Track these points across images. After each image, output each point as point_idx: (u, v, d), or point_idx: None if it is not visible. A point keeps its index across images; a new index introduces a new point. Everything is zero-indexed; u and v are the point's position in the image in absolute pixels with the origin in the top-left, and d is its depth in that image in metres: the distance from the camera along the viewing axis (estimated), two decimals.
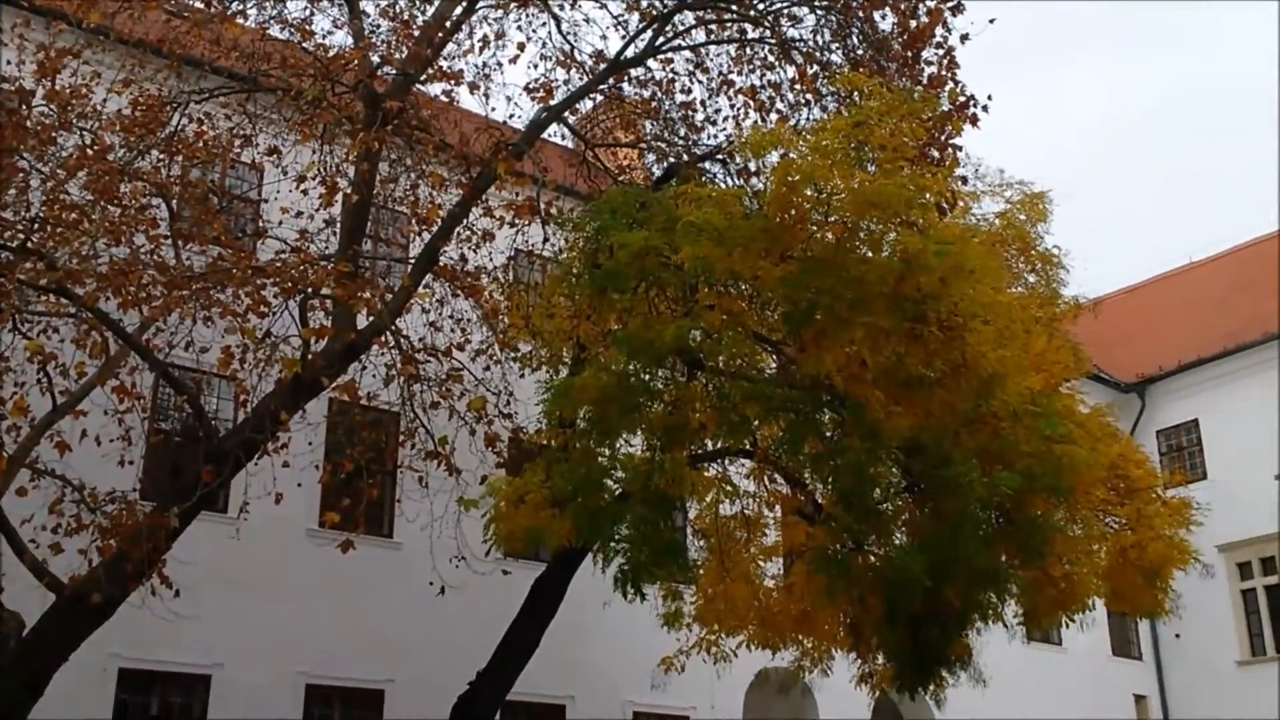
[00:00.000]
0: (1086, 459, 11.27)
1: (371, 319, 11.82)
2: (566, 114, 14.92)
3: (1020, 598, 11.98)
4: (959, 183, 13.02)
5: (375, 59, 12.20)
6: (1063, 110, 66.96)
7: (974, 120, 13.90)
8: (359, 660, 16.50)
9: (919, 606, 10.54)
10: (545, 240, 14.08)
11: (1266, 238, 30.95)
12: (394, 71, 12.37)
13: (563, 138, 16.64)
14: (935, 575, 10.26)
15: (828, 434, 10.84)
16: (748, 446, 11.81)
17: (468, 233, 13.67)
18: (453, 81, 12.88)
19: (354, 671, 16.50)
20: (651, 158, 16.31)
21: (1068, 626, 13.19)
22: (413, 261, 13.15)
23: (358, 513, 12.18)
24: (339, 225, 12.83)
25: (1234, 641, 26.72)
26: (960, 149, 13.78)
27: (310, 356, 11.46)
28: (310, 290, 11.40)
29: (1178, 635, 26.73)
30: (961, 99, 13.86)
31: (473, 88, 13.37)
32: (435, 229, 12.67)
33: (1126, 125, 65.36)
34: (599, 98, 15.72)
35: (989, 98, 13.88)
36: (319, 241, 12.93)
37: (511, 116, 14.52)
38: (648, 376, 10.81)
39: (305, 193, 12.26)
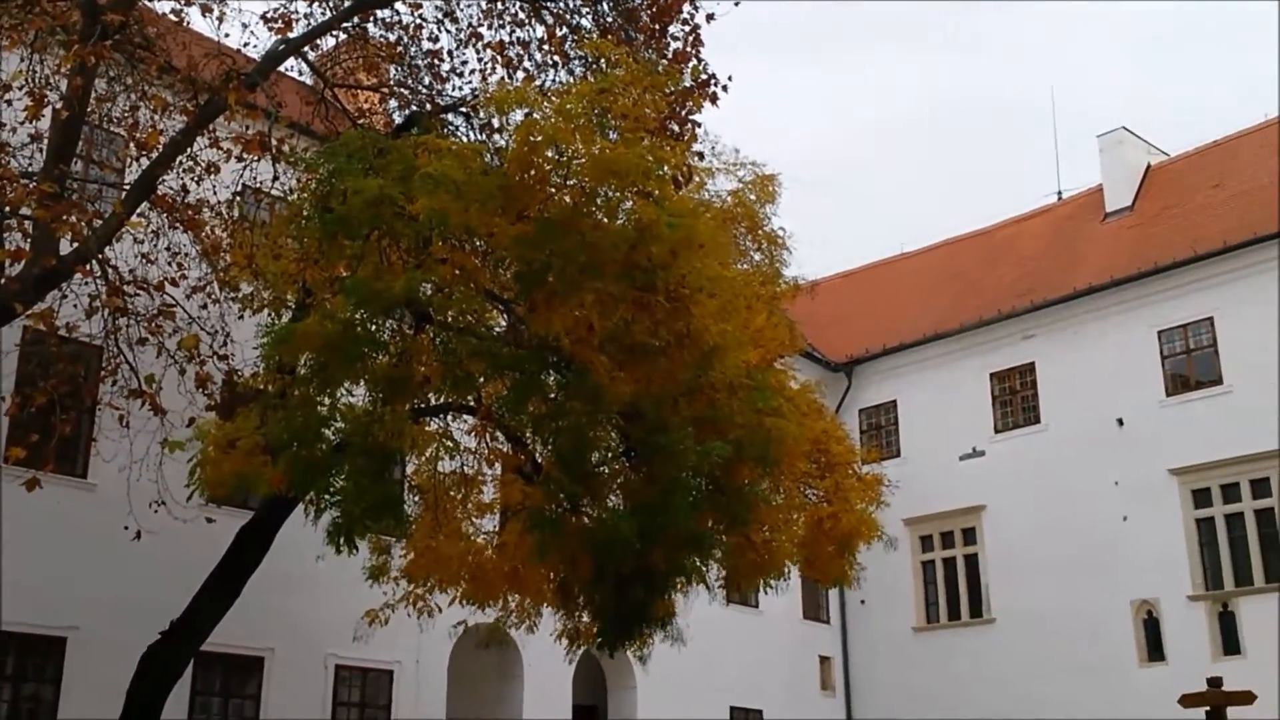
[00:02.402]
0: (793, 433, 11.87)
1: (76, 245, 11.05)
2: (306, 49, 14.35)
3: (723, 562, 12.52)
4: (696, 158, 13.37)
5: None
6: (807, 100, 69.75)
7: (714, 99, 14.28)
8: (40, 606, 15.48)
9: (627, 567, 10.86)
10: (275, 178, 13.51)
11: (969, 235, 33.30)
12: None
13: (300, 74, 16.00)
14: (645, 538, 10.58)
15: (552, 395, 10.97)
16: (471, 403, 11.80)
17: (191, 163, 12.96)
18: (183, 1, 12.15)
19: (33, 618, 15.46)
20: (393, 104, 15.91)
21: (765, 591, 13.88)
22: (127, 188, 12.37)
23: (48, 449, 11.45)
24: (45, 142, 11.91)
25: (912, 609, 28.84)
26: (699, 125, 14.16)
27: (3, 280, 10.62)
28: (7, 209, 10.56)
29: (863, 601, 28.63)
30: (704, 77, 14.22)
31: (205, 10, 12.60)
32: (155, 155, 11.96)
33: (859, 119, 68.78)
34: (342, 36, 15.19)
35: (729, 78, 14.30)
36: (21, 157, 11.95)
37: (247, 45, 13.82)
38: (374, 327, 10.62)
39: (9, 103, 11.31)
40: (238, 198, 14.24)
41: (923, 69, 68.09)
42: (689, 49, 14.42)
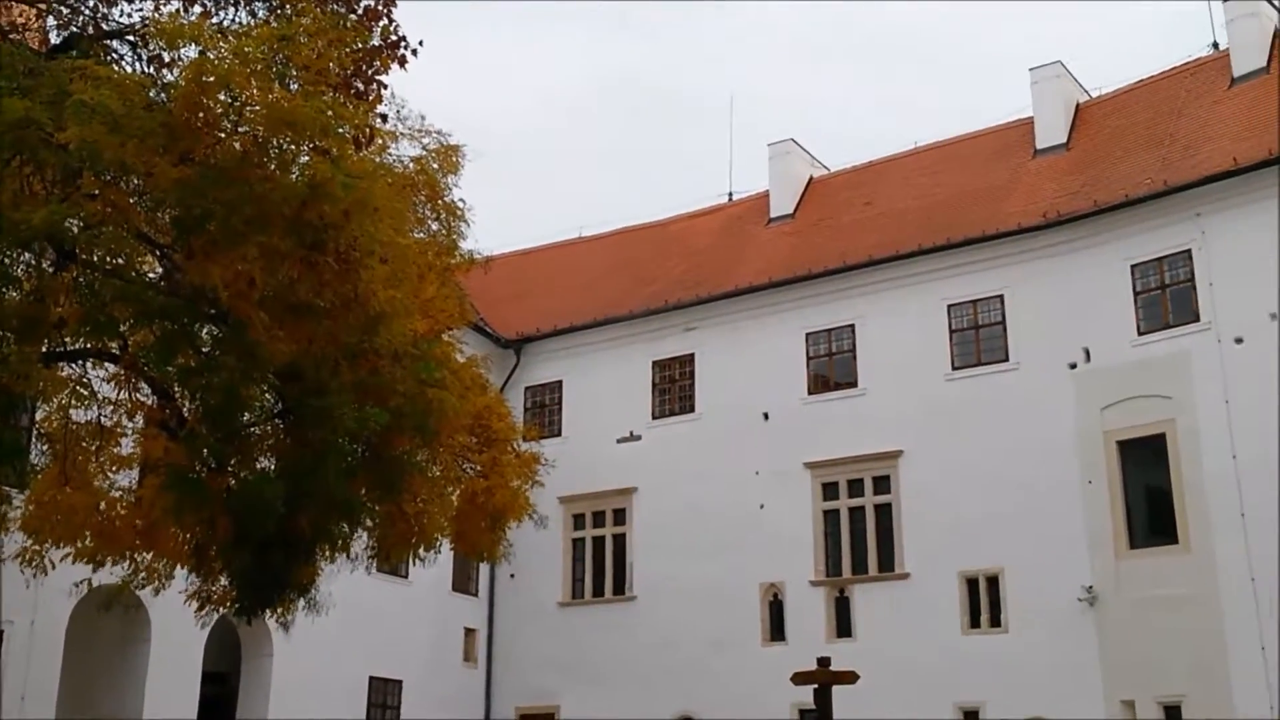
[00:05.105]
0: (455, 405, 11.89)
1: None
2: None
3: (373, 531, 12.39)
4: (379, 120, 13.09)
5: None
6: (499, 72, 69.56)
7: (403, 62, 14.01)
8: None
9: (270, 531, 10.55)
10: None
11: (644, 226, 34.25)
12: None
13: None
14: (292, 502, 10.32)
15: (204, 349, 10.50)
16: (115, 350, 11.10)
17: None
18: None
19: None
20: (51, 22, 14.61)
21: (415, 562, 13.84)
22: None
23: None
24: None
25: (560, 584, 29.55)
26: (386, 87, 13.85)
27: None
28: None
29: (512, 575, 29.10)
30: (394, 38, 13.93)
31: None
32: None
33: (550, 97, 69.36)
34: None
35: (420, 43, 14.08)
36: None
37: None
38: (7, 259, 9.81)
39: None
40: None
41: (617, 53, 69.55)
42: (380, 7, 14.04)
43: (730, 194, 34.34)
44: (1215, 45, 27.28)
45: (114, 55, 12.87)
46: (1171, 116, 25.88)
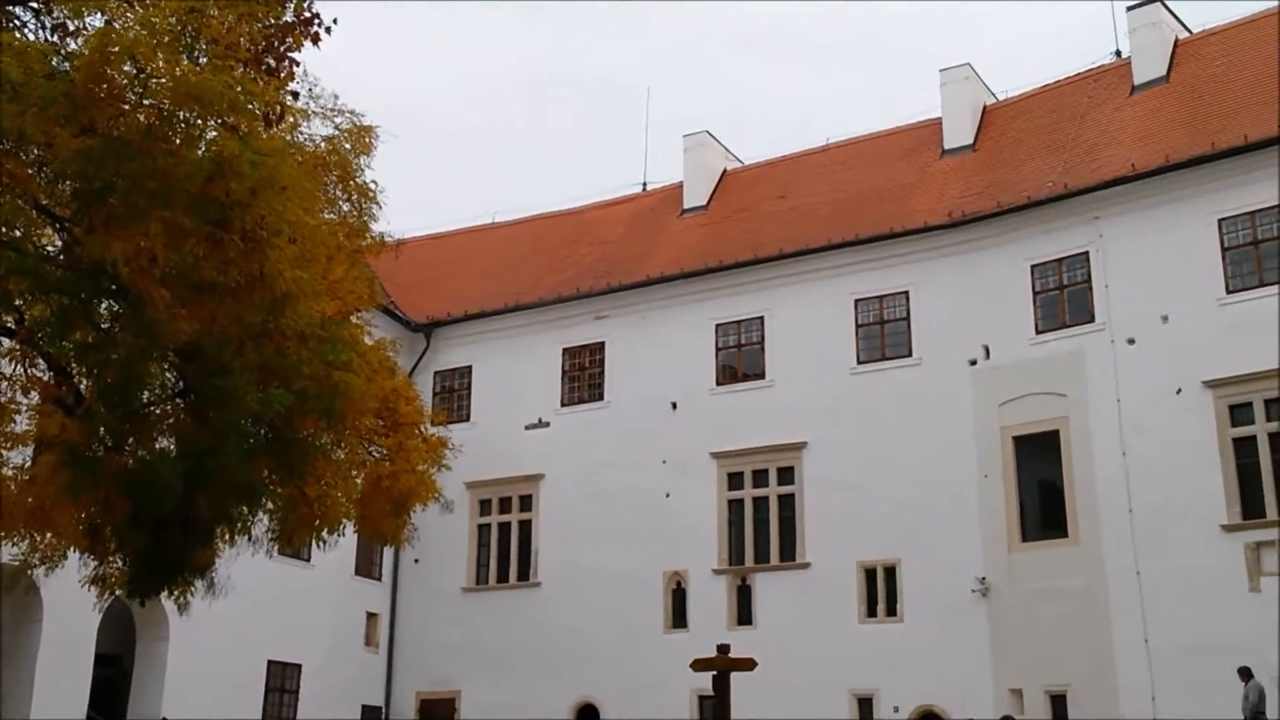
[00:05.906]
0: (361, 389, 11.77)
1: None
2: None
3: (275, 513, 12.24)
4: (291, 97, 12.90)
5: None
6: (417, 53, 68.77)
7: (316, 39, 13.80)
8: None
9: (168, 512, 10.39)
10: None
11: (558, 213, 34.20)
12: None
13: None
14: (191, 483, 10.17)
15: (103, 325, 10.28)
16: (10, 324, 10.83)
17: None
18: None
19: None
20: None
21: (318, 546, 13.69)
22: None
23: None
24: None
25: (464, 570, 29.47)
26: (298, 64, 13.65)
27: None
28: None
29: (417, 560, 28.97)
30: (307, 14, 13.74)
31: None
32: None
33: (468, 80, 68.76)
34: None
35: (334, 21, 13.90)
36: None
37: None
38: None
39: None
40: None
41: (535, 40, 69.21)
42: None
43: (644, 184, 34.49)
44: (1118, 53, 28.06)
45: (16, 22, 12.50)
46: (1074, 121, 26.57)
